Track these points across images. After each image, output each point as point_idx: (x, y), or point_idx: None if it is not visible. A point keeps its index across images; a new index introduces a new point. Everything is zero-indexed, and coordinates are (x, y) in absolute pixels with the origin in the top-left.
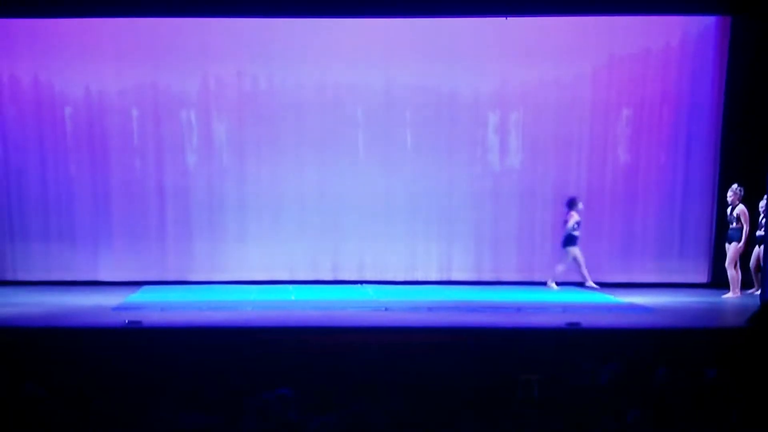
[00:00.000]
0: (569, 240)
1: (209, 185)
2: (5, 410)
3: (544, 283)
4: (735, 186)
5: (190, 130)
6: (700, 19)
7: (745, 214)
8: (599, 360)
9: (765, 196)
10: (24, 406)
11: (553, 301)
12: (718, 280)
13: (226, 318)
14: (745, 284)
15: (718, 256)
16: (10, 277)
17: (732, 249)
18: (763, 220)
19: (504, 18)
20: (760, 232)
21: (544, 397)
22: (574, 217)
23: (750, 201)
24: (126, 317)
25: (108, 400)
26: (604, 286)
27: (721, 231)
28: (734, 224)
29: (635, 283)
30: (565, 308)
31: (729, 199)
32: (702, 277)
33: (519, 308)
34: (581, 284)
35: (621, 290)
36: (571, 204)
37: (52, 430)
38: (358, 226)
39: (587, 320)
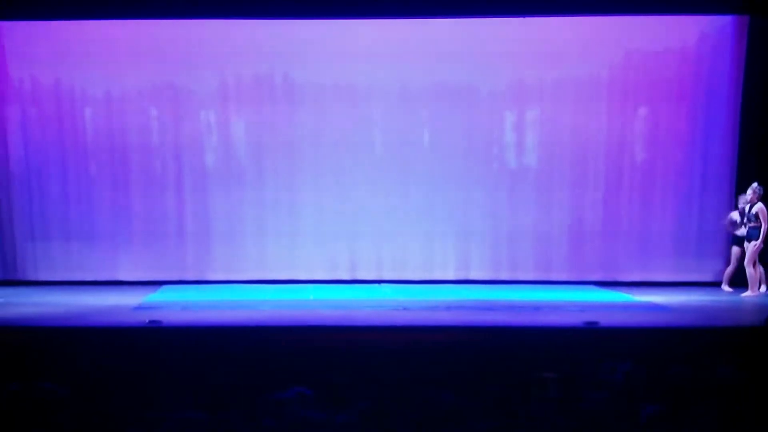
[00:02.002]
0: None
1: (227, 185)
2: (26, 408)
3: (562, 282)
4: (755, 185)
5: (208, 130)
6: (717, 18)
7: (763, 212)
8: (617, 359)
9: None
10: (44, 404)
11: (571, 301)
12: (735, 279)
13: (246, 317)
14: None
15: None
16: (31, 276)
17: (751, 247)
18: None
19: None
20: None
21: (561, 395)
22: None
23: (765, 200)
24: (146, 317)
25: (128, 399)
26: (621, 285)
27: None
28: (753, 222)
29: (652, 282)
30: (583, 307)
31: (748, 198)
32: (720, 276)
33: (537, 307)
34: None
35: (638, 289)
36: None
37: (72, 428)
38: (375, 226)
39: (605, 319)
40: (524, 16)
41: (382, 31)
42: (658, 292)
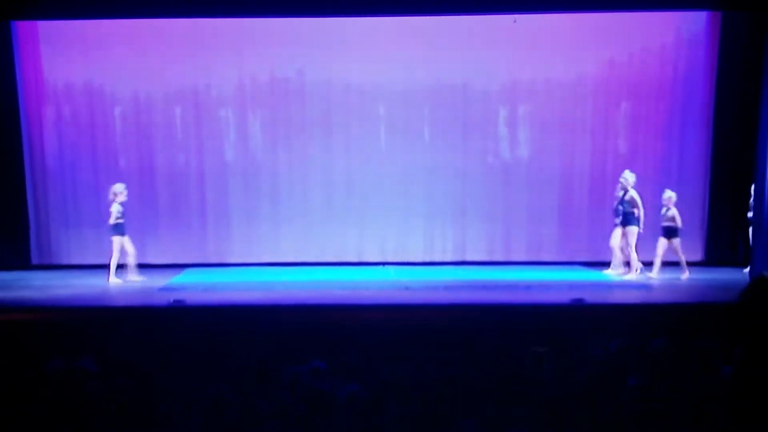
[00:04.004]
0: None
1: (245, 176)
2: (63, 384)
3: (551, 263)
4: (626, 172)
5: (227, 125)
6: (692, 18)
7: (635, 199)
8: (602, 333)
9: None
10: (79, 379)
11: (560, 280)
12: (712, 259)
13: (262, 297)
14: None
15: (712, 236)
16: (65, 260)
17: (630, 233)
18: (751, 203)
19: (513, 20)
20: (750, 214)
21: (552, 368)
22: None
23: (741, 186)
24: (171, 297)
25: (155, 373)
26: (605, 265)
27: (714, 214)
28: (628, 209)
29: None
30: (571, 286)
31: (619, 186)
32: (697, 256)
33: (528, 286)
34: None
35: (623, 268)
36: None
37: (102, 402)
38: (380, 212)
39: (591, 297)
40: (513, 13)
41: (387, 32)
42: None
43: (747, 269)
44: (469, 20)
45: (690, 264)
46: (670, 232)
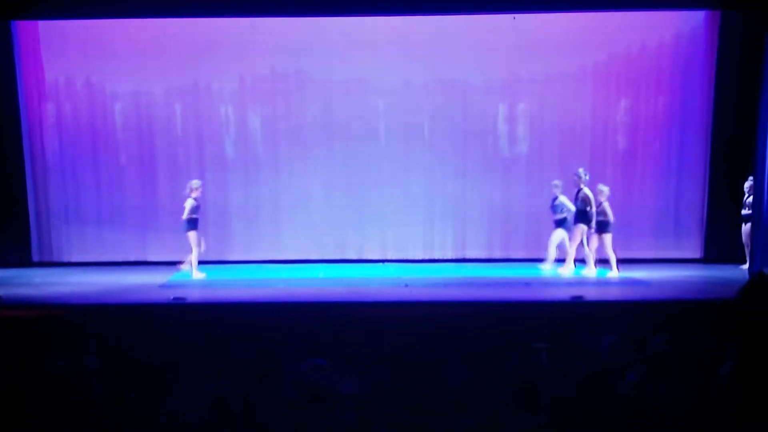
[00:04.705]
0: None
1: (245, 173)
2: (64, 381)
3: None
4: (580, 170)
5: (227, 123)
6: (691, 16)
7: (588, 197)
8: (601, 329)
9: (750, 178)
10: (80, 376)
11: (559, 277)
12: (710, 255)
13: (261, 294)
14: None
15: (710, 233)
16: (66, 258)
17: (576, 230)
18: (749, 200)
19: (513, 18)
20: (746, 211)
21: (551, 365)
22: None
23: (740, 183)
24: (171, 294)
25: (155, 370)
26: (604, 262)
27: (713, 211)
28: (581, 207)
29: (634, 259)
30: (570, 283)
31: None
32: (696, 253)
33: (527, 283)
34: None
35: (620, 265)
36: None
37: (103, 398)
38: (380, 210)
39: (590, 294)
40: (514, 13)
41: (386, 30)
42: (639, 268)
43: (744, 266)
44: (468, 17)
45: (689, 261)
46: (602, 227)
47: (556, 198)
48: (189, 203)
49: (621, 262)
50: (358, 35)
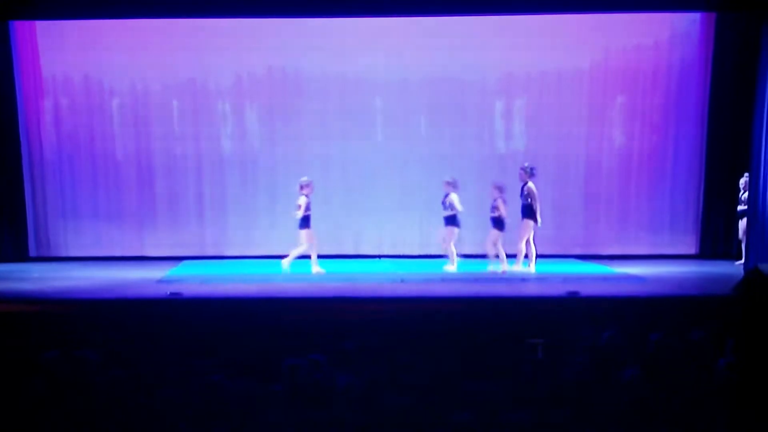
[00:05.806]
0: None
1: (242, 169)
2: (60, 374)
3: (547, 256)
4: (525, 164)
5: (224, 117)
6: (687, 15)
7: (533, 192)
8: (597, 325)
9: (745, 174)
10: (76, 371)
11: (554, 273)
12: (706, 252)
13: (258, 289)
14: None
15: (706, 229)
16: (63, 253)
17: (524, 225)
18: (744, 196)
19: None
20: (742, 207)
21: (547, 360)
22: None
23: (735, 180)
24: (168, 289)
25: (152, 365)
26: (600, 258)
27: (709, 207)
28: (526, 201)
29: (629, 255)
30: (565, 279)
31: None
32: (691, 249)
33: (523, 279)
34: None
35: (616, 261)
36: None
37: (102, 391)
38: (377, 205)
39: (585, 289)
40: (513, 14)
41: (383, 28)
42: (635, 264)
43: (739, 262)
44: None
45: (684, 257)
46: (497, 223)
47: (447, 195)
48: (302, 201)
49: (616, 258)
50: (354, 33)
